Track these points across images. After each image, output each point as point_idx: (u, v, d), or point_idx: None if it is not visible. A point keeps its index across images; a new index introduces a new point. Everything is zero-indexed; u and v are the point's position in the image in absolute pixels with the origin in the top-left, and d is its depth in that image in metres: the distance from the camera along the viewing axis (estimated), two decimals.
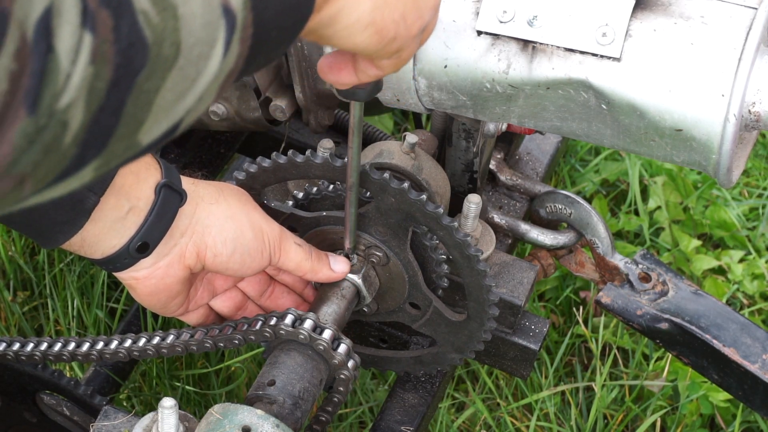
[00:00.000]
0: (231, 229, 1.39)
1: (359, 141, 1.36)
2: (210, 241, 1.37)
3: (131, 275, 1.37)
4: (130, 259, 1.34)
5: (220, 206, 1.39)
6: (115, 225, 1.31)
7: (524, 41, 1.33)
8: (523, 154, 1.96)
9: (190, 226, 1.37)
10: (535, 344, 1.68)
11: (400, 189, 1.42)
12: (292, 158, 1.45)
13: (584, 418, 2.16)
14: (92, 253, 1.33)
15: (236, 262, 1.40)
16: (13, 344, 1.55)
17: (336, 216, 1.50)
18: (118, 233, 1.32)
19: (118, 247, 1.32)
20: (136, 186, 1.31)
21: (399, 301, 1.55)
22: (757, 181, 2.59)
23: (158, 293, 1.40)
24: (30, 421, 1.69)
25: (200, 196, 1.38)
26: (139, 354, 1.50)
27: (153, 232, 1.33)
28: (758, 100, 1.29)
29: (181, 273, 1.39)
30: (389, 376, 2.19)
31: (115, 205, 1.30)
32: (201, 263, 1.39)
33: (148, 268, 1.37)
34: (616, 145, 1.38)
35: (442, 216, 1.43)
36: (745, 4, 1.31)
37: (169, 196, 1.33)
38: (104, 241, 1.32)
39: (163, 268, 1.37)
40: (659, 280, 1.75)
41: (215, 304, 1.50)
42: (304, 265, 1.45)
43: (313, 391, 1.41)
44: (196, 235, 1.37)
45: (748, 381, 1.68)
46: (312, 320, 1.42)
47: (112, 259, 1.34)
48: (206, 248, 1.38)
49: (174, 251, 1.37)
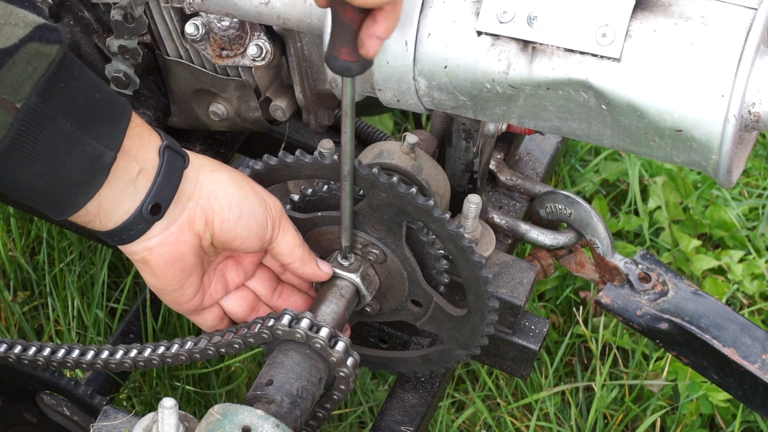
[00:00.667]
0: (236, 193, 1.41)
1: (352, 123, 1.36)
2: (216, 206, 1.39)
3: (144, 245, 1.38)
4: (144, 224, 1.36)
5: (221, 173, 1.41)
6: (128, 188, 1.33)
7: (524, 41, 1.33)
8: (523, 154, 1.96)
9: (195, 191, 1.39)
10: (535, 344, 1.68)
11: (389, 183, 1.42)
12: (282, 159, 1.46)
13: (584, 418, 2.16)
14: (107, 221, 1.34)
15: (243, 227, 1.41)
16: (15, 346, 1.56)
17: (331, 216, 1.50)
18: (131, 196, 1.33)
19: (132, 211, 1.34)
20: (142, 148, 1.33)
21: (401, 299, 1.55)
22: (757, 181, 2.59)
23: (173, 263, 1.40)
24: (30, 421, 1.69)
25: (201, 164, 1.41)
26: (144, 364, 1.50)
27: (163, 193, 1.35)
28: (758, 101, 1.29)
29: (193, 240, 1.40)
30: (389, 376, 2.19)
31: (125, 167, 1.32)
32: (210, 230, 1.40)
33: (160, 234, 1.37)
34: (616, 146, 1.39)
35: (433, 208, 1.43)
36: (745, 5, 1.31)
37: (173, 157, 1.36)
38: (119, 206, 1.33)
39: (175, 233, 1.38)
40: (659, 280, 1.75)
41: (228, 304, 1.51)
42: (296, 251, 1.47)
43: (312, 390, 1.42)
44: (202, 200, 1.39)
45: (748, 381, 1.68)
46: (308, 319, 1.43)
47: (127, 225, 1.35)
48: (213, 213, 1.39)
49: (183, 215, 1.38)
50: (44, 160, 1.26)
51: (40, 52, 1.23)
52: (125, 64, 1.65)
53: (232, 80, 1.65)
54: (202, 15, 1.56)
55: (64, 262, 2.25)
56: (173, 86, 1.71)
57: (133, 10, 1.59)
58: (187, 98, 1.71)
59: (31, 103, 1.22)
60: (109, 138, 1.29)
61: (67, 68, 1.26)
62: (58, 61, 1.24)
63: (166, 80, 1.71)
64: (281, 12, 1.47)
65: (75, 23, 1.66)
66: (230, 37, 1.57)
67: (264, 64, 1.59)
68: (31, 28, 1.23)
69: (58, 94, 1.25)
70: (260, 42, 1.57)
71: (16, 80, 1.21)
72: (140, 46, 1.63)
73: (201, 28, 1.57)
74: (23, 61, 1.22)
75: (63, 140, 1.26)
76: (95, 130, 1.28)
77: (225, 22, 1.55)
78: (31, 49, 1.22)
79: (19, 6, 1.23)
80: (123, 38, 1.62)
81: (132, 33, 1.62)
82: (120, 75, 1.66)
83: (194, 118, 1.75)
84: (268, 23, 1.49)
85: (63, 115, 1.25)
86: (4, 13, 1.22)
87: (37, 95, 1.23)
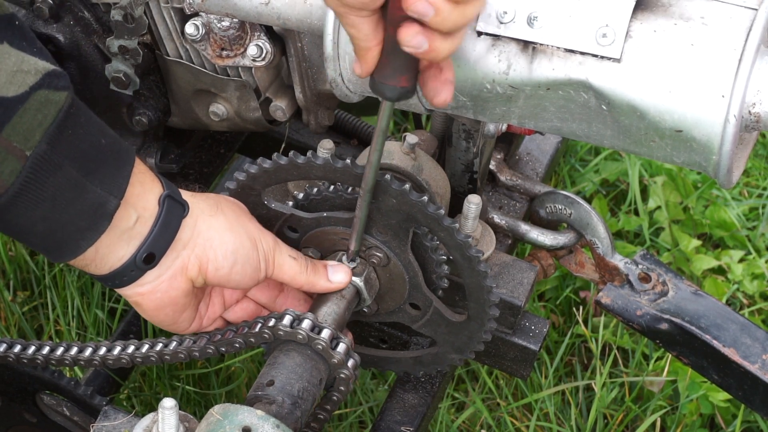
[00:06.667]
0: (231, 242, 1.40)
1: (383, 143, 1.36)
2: (212, 255, 1.39)
3: (136, 291, 1.38)
4: (136, 271, 1.36)
5: (218, 219, 1.41)
6: (124, 235, 1.33)
7: (524, 42, 1.33)
8: (523, 155, 1.96)
9: (192, 239, 1.38)
10: (535, 344, 1.68)
11: (401, 190, 1.42)
12: (293, 159, 1.45)
13: (584, 418, 2.16)
14: (102, 266, 1.35)
15: (237, 273, 1.41)
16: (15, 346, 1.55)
17: (337, 217, 1.50)
18: (126, 244, 1.34)
19: (126, 258, 1.34)
20: (143, 196, 1.34)
21: (399, 302, 1.55)
22: (757, 181, 2.59)
23: (164, 307, 1.41)
24: (30, 421, 1.69)
25: (200, 209, 1.40)
26: (142, 360, 1.50)
27: (159, 243, 1.35)
28: (758, 101, 1.29)
29: (185, 285, 1.40)
30: (389, 376, 2.19)
31: (124, 214, 1.32)
32: (203, 276, 1.40)
33: (152, 282, 1.38)
34: (616, 146, 1.38)
35: (443, 217, 1.43)
36: (745, 5, 1.31)
37: (173, 206, 1.36)
38: (114, 252, 1.34)
39: (166, 281, 1.38)
40: (659, 280, 1.75)
41: (230, 316, 1.51)
42: (299, 278, 1.46)
43: (312, 391, 1.42)
44: (198, 248, 1.39)
45: (748, 381, 1.68)
46: (310, 320, 1.42)
47: (120, 272, 1.35)
48: (208, 261, 1.39)
49: (176, 263, 1.38)
50: (48, 206, 1.26)
51: (49, 100, 1.24)
52: (125, 64, 1.65)
53: (232, 80, 1.65)
54: (202, 15, 1.56)
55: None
56: (173, 86, 1.70)
57: (133, 10, 1.59)
58: (187, 98, 1.71)
59: (40, 151, 1.23)
60: (113, 185, 1.30)
61: (74, 115, 1.26)
62: (66, 108, 1.25)
63: (166, 80, 1.70)
64: (281, 12, 1.46)
65: (75, 23, 1.66)
66: (230, 38, 1.57)
67: (264, 65, 1.59)
68: (41, 75, 1.23)
69: (66, 141, 1.25)
70: (260, 42, 1.57)
71: (27, 128, 1.22)
72: (140, 46, 1.63)
73: (201, 28, 1.57)
74: (33, 108, 1.22)
75: (69, 187, 1.27)
76: (100, 177, 1.29)
77: (225, 23, 1.55)
78: (41, 96, 1.23)
79: (29, 53, 1.23)
80: (123, 38, 1.62)
81: (132, 33, 1.62)
82: (120, 75, 1.66)
83: (194, 118, 1.75)
84: (268, 23, 1.49)
85: (70, 163, 1.26)
86: (17, 60, 1.22)
87: (47, 143, 1.23)
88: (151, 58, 1.67)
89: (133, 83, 1.67)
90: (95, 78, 1.69)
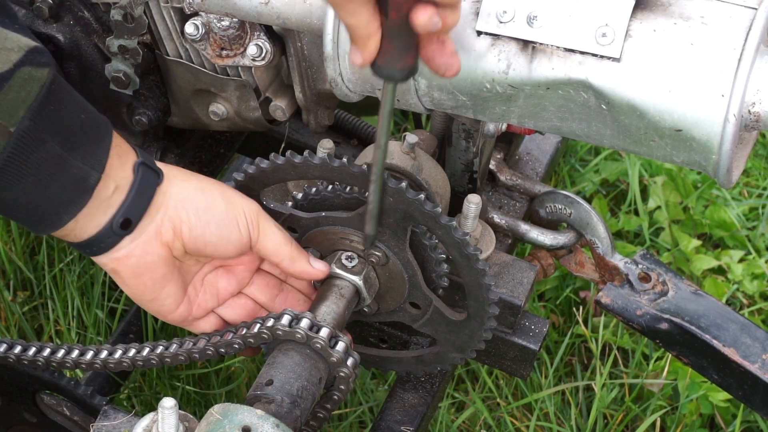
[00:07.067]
0: (202, 200, 1.41)
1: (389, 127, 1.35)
2: (184, 215, 1.40)
3: (113, 257, 1.40)
4: (113, 238, 1.38)
5: (191, 182, 1.43)
6: (102, 204, 1.35)
7: (524, 41, 1.33)
8: (523, 154, 1.96)
9: (164, 202, 1.40)
10: (535, 344, 1.68)
11: (398, 188, 1.42)
12: (290, 159, 1.45)
13: (584, 418, 2.16)
14: (80, 235, 1.37)
15: (212, 234, 1.42)
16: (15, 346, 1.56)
17: (335, 216, 1.50)
18: (104, 212, 1.36)
19: (102, 225, 1.36)
20: (120, 167, 1.36)
21: (399, 301, 1.55)
22: (757, 181, 2.59)
23: (141, 275, 1.41)
24: (30, 421, 1.69)
25: (173, 175, 1.42)
26: (143, 363, 1.50)
27: (134, 209, 1.37)
28: (758, 101, 1.29)
29: (161, 250, 1.41)
30: (389, 376, 2.19)
31: (104, 185, 1.34)
32: (179, 240, 1.41)
33: (127, 246, 1.39)
34: (616, 146, 1.38)
35: (441, 215, 1.43)
36: (745, 5, 1.31)
37: (147, 173, 1.38)
38: (93, 221, 1.36)
39: (141, 245, 1.40)
40: (659, 280, 1.75)
41: (226, 313, 1.51)
42: (283, 249, 1.46)
43: (312, 390, 1.42)
44: (170, 210, 1.40)
45: (748, 381, 1.68)
46: (309, 319, 1.42)
47: (97, 238, 1.37)
48: (181, 222, 1.40)
49: (150, 227, 1.40)
50: (31, 181, 1.29)
51: (32, 76, 1.26)
52: (125, 64, 1.65)
53: (232, 80, 1.65)
54: (201, 15, 1.56)
55: (64, 262, 2.25)
56: (173, 86, 1.71)
57: (132, 10, 1.59)
58: (187, 98, 1.71)
59: (23, 127, 1.25)
60: (94, 160, 1.32)
61: (56, 91, 1.28)
62: (48, 85, 1.27)
63: (166, 80, 1.71)
64: (281, 12, 1.47)
65: (75, 23, 1.67)
66: (230, 37, 1.57)
67: (264, 64, 1.59)
68: (24, 51, 1.26)
69: (48, 117, 1.28)
70: (260, 42, 1.57)
71: (11, 105, 1.24)
72: (140, 46, 1.63)
73: (201, 28, 1.57)
74: (17, 85, 1.25)
75: (51, 162, 1.29)
76: (81, 152, 1.31)
77: (225, 22, 1.55)
78: (25, 73, 1.25)
79: (11, 30, 1.26)
80: (123, 38, 1.62)
81: (132, 33, 1.62)
82: (120, 75, 1.66)
83: (194, 118, 1.75)
84: (268, 23, 1.49)
85: (52, 138, 1.28)
86: (1, 37, 1.24)
87: (30, 119, 1.26)
88: (151, 57, 1.67)
89: (133, 83, 1.67)
90: (95, 78, 1.69)
